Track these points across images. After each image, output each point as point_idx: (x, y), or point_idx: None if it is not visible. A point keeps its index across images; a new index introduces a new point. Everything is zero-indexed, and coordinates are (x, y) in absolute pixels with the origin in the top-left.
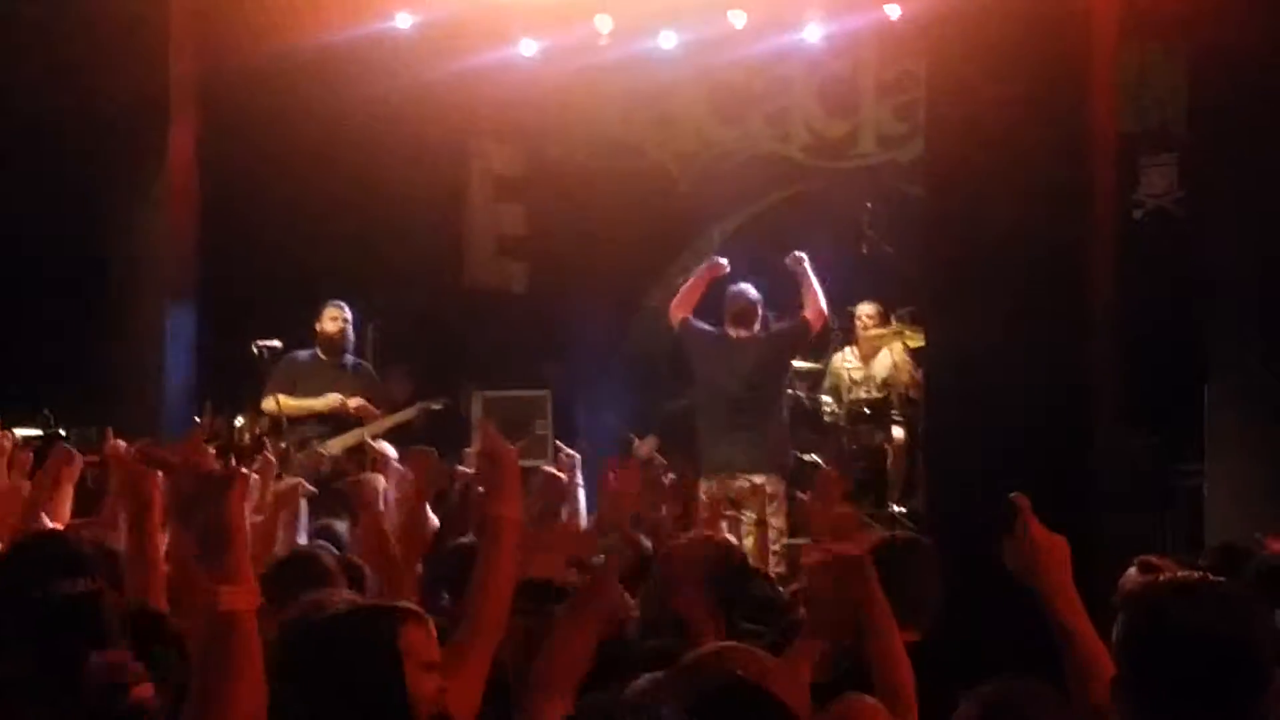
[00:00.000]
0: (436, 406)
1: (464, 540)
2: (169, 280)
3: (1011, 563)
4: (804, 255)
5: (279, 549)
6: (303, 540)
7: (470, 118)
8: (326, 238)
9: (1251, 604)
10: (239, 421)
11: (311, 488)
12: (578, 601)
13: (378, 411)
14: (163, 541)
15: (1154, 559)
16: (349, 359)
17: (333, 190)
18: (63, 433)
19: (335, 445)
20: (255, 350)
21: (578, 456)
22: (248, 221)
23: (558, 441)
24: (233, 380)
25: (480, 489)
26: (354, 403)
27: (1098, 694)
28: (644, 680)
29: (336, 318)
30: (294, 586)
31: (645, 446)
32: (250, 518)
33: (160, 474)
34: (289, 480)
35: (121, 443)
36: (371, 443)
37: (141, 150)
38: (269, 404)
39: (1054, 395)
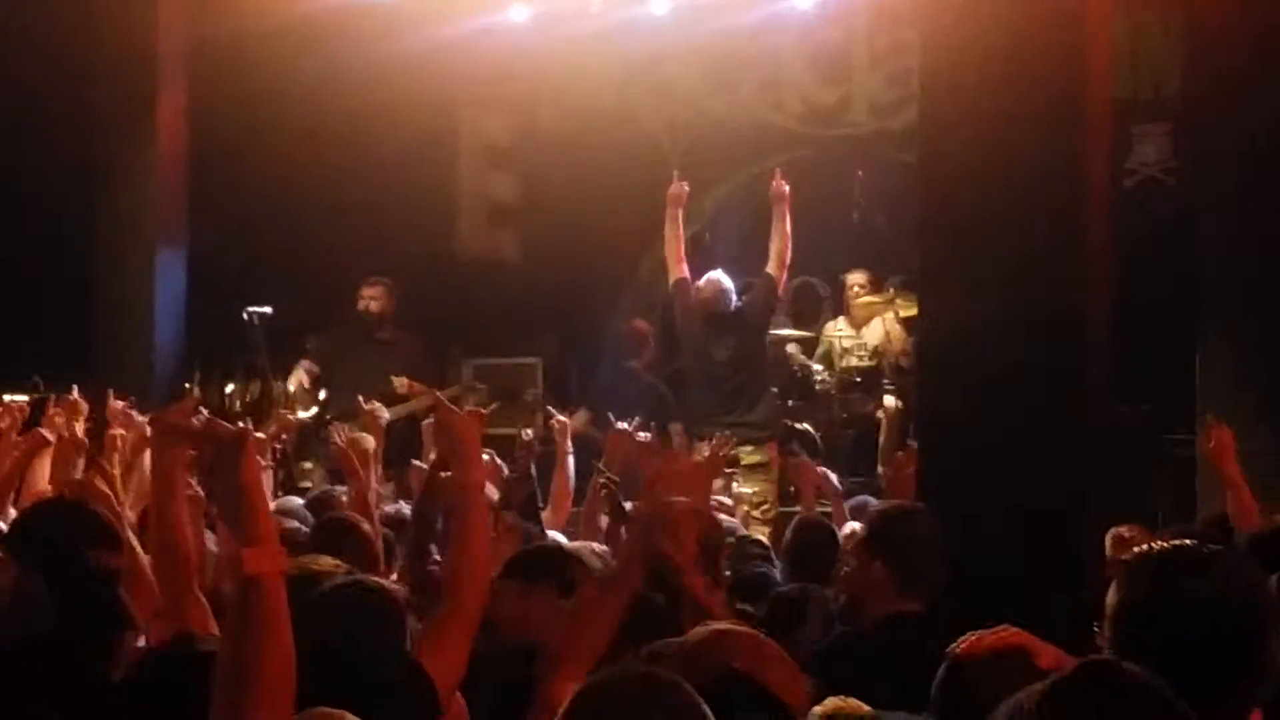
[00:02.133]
0: (480, 387)
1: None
2: (158, 246)
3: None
4: (787, 188)
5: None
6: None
7: (461, 85)
8: (316, 205)
9: (1251, 570)
10: (229, 388)
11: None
12: (606, 581)
13: (424, 387)
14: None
15: (1125, 530)
16: (388, 333)
17: (323, 158)
18: (53, 398)
19: (390, 414)
20: (245, 317)
21: (568, 423)
22: (238, 189)
23: (550, 409)
24: (223, 346)
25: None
26: (400, 382)
27: None
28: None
29: (373, 295)
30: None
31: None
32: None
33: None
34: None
35: (119, 403)
36: (365, 404)
37: (131, 117)
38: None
39: (1048, 364)
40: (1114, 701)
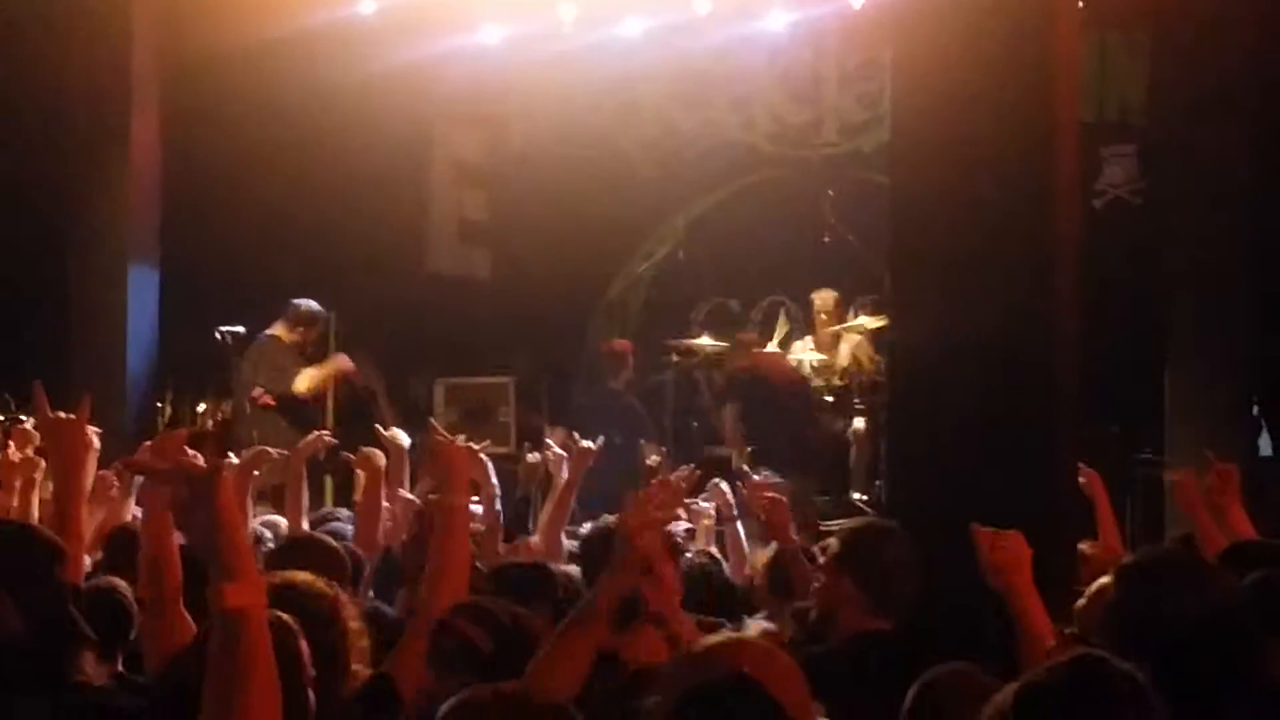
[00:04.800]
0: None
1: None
2: (131, 264)
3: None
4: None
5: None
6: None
7: (433, 104)
8: (289, 223)
9: (1233, 581)
10: (201, 407)
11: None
12: (584, 613)
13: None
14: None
15: (1086, 547)
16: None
17: (295, 176)
18: (23, 418)
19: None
20: (218, 336)
21: (563, 454)
22: (211, 207)
23: (548, 439)
24: (195, 365)
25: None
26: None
27: None
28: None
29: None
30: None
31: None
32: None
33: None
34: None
35: (44, 400)
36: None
37: (105, 135)
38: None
39: (1017, 384)
40: (1089, 696)
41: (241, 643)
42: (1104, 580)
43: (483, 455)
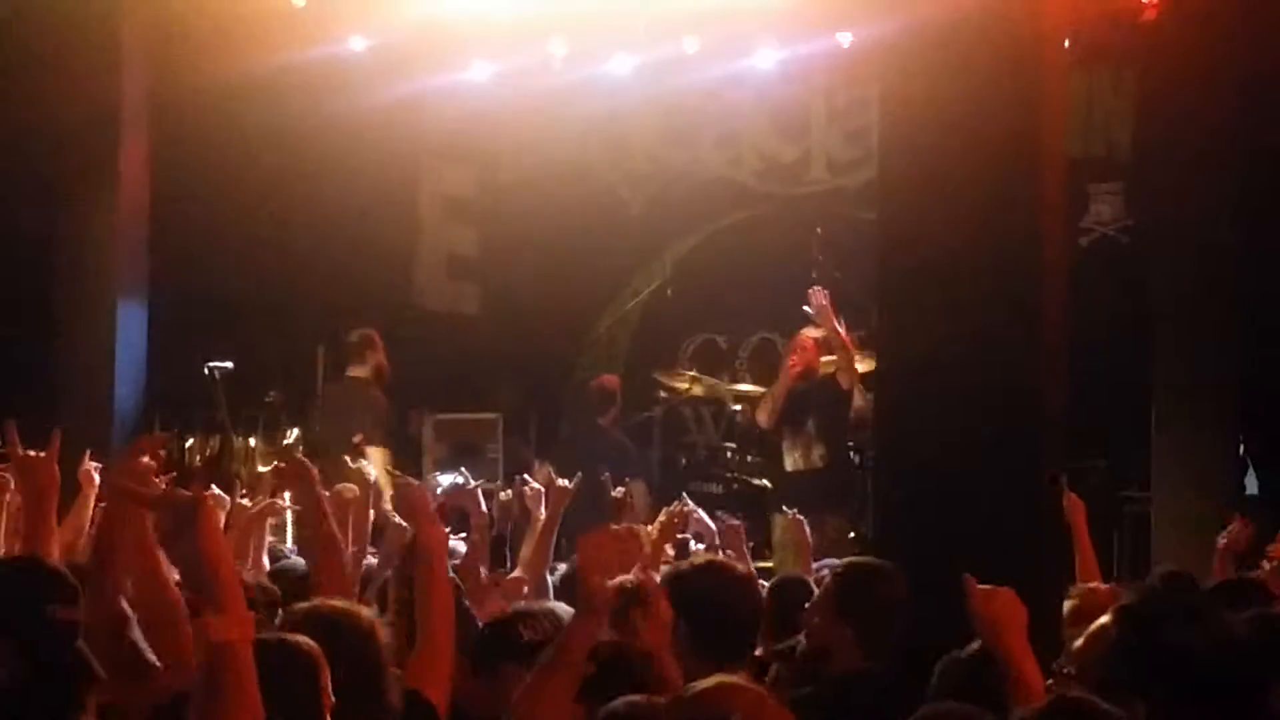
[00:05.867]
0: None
1: None
2: (119, 299)
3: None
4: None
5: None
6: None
7: (422, 139)
8: (277, 257)
9: (1235, 618)
10: (189, 443)
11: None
12: (556, 660)
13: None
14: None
15: (1089, 586)
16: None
17: (284, 210)
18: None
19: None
20: (207, 372)
21: (541, 489)
22: (199, 240)
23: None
24: (183, 401)
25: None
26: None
27: None
28: (621, 703)
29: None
30: None
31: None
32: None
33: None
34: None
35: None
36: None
37: (93, 169)
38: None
39: (1004, 419)
40: None
41: (227, 676)
42: (1104, 620)
43: (474, 484)
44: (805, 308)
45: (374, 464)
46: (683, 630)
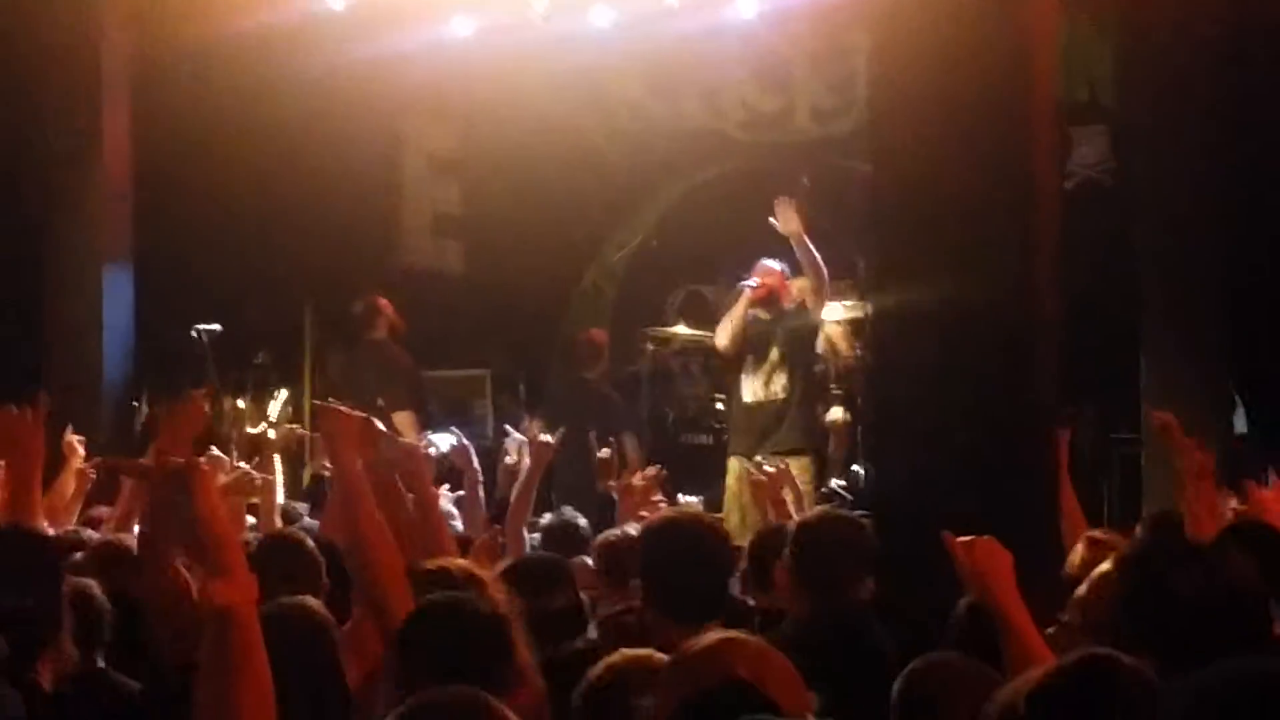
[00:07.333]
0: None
1: None
2: (105, 265)
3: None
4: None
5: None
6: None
7: (404, 97)
8: (261, 219)
9: (1241, 560)
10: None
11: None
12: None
13: None
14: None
15: (1099, 534)
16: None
17: (267, 171)
18: None
19: None
20: (194, 335)
21: (523, 439)
22: (184, 206)
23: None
24: (171, 364)
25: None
26: None
27: None
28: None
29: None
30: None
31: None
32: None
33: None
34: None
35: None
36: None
37: (76, 136)
38: None
39: (999, 363)
40: (1101, 697)
41: (230, 640)
42: (1104, 568)
43: (465, 442)
44: (771, 219)
45: (404, 429)
46: (654, 590)
